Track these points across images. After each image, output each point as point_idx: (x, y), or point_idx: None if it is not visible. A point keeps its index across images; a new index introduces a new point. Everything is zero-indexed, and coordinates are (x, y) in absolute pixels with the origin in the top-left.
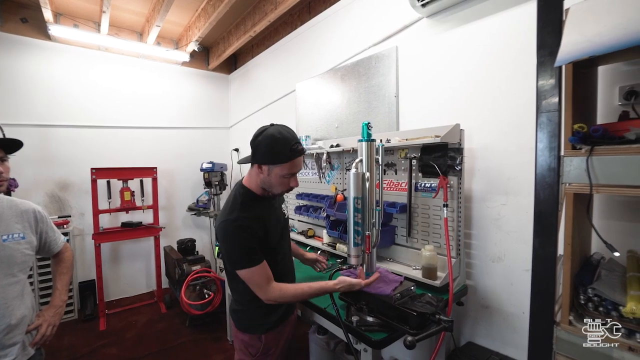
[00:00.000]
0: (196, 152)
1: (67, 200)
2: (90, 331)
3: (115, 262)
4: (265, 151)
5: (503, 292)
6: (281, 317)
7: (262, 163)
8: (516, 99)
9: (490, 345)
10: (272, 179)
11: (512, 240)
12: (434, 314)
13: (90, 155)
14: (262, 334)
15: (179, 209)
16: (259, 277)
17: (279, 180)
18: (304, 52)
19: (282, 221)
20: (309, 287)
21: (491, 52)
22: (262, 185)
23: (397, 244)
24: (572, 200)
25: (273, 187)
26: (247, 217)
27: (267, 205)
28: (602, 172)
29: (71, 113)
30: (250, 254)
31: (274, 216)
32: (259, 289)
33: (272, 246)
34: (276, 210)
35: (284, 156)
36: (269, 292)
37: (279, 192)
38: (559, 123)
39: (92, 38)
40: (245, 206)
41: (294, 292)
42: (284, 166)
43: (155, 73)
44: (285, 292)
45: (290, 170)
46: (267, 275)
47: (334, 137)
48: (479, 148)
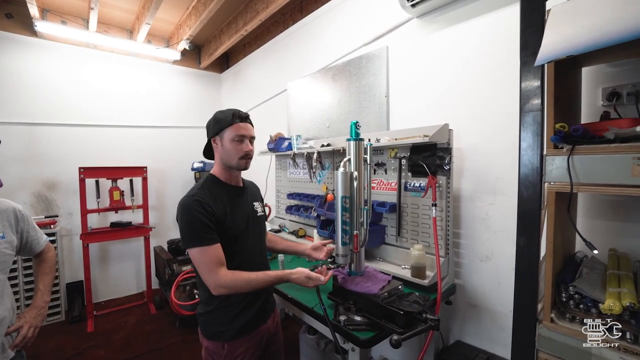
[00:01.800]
0: (187, 151)
1: (54, 200)
2: (78, 333)
3: (104, 262)
4: (212, 124)
5: (491, 291)
6: (248, 325)
7: (213, 135)
8: (504, 100)
9: (478, 344)
10: (225, 147)
11: (500, 240)
12: (420, 313)
13: (78, 154)
14: (225, 342)
15: (169, 209)
16: (209, 258)
17: (232, 146)
18: (296, 52)
19: (252, 216)
20: (266, 275)
21: (481, 53)
22: (222, 161)
23: (386, 243)
24: (554, 199)
25: (231, 156)
26: (205, 194)
27: (233, 193)
28: (583, 171)
29: (59, 111)
30: (202, 232)
31: (239, 206)
32: (208, 272)
33: (231, 235)
34: (246, 203)
35: (227, 120)
36: (219, 277)
37: (236, 160)
38: (542, 122)
39: (80, 35)
40: (206, 187)
41: (247, 279)
42: (230, 129)
43: (146, 71)
44: (237, 279)
45: (237, 131)
46: (218, 257)
47: (325, 137)
48: (468, 148)
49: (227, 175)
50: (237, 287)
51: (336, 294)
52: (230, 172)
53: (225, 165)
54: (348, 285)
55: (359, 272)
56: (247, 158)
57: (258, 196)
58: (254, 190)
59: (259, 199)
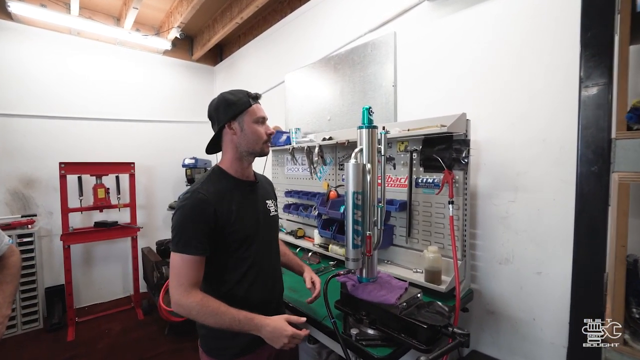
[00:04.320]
0: (178, 147)
1: (32, 197)
2: (57, 342)
3: (88, 265)
4: (225, 107)
5: (511, 296)
6: (254, 343)
7: (229, 120)
8: (527, 87)
9: (496, 354)
10: (247, 132)
11: (522, 241)
12: (446, 326)
13: (59, 148)
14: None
15: (159, 208)
16: (184, 271)
17: (255, 130)
18: (294, 41)
19: (264, 216)
20: (237, 313)
21: (499, 36)
22: (240, 149)
23: (395, 244)
24: (627, 192)
25: (255, 141)
26: (209, 190)
27: (243, 189)
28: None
29: (39, 102)
30: (191, 237)
31: (250, 204)
32: (177, 286)
33: (237, 238)
34: (257, 201)
35: (244, 102)
36: (185, 296)
37: (261, 144)
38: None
39: (60, 19)
40: (211, 182)
41: (214, 311)
42: (250, 111)
43: (135, 62)
44: (204, 307)
45: (258, 113)
46: (194, 274)
47: (325, 130)
48: (485, 140)
49: (239, 167)
50: (199, 314)
51: (345, 304)
52: (243, 163)
53: (243, 153)
54: (360, 294)
55: (372, 278)
56: (270, 141)
57: (271, 193)
58: (266, 185)
59: (272, 196)
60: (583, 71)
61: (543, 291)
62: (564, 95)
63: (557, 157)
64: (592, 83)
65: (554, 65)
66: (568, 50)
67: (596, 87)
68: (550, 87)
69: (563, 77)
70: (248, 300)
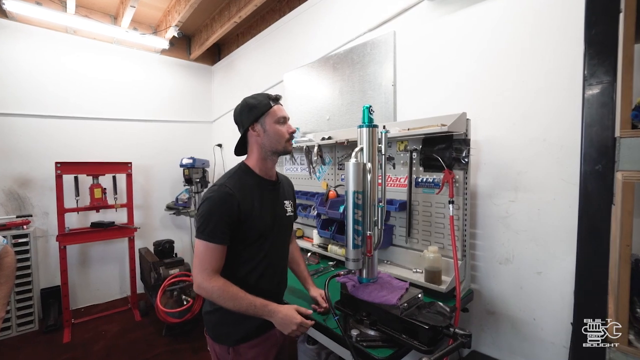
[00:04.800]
0: (176, 147)
1: (27, 198)
2: (52, 344)
3: (84, 266)
4: (248, 111)
5: (511, 296)
6: (257, 329)
7: (252, 122)
8: (527, 86)
9: (496, 354)
10: (270, 132)
11: (522, 240)
12: (448, 327)
13: (55, 148)
14: (230, 346)
15: (156, 208)
16: (208, 257)
17: (277, 130)
18: (293, 41)
19: (280, 215)
20: (253, 299)
21: (499, 36)
22: (265, 149)
23: (395, 244)
24: (632, 191)
25: (278, 141)
26: (235, 185)
27: (265, 187)
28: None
29: (35, 101)
30: (216, 228)
31: (270, 202)
32: (200, 269)
33: (255, 232)
34: (276, 200)
35: (265, 104)
36: (208, 280)
37: (283, 143)
38: (613, 96)
39: (56, 17)
40: (236, 177)
41: (233, 295)
42: (271, 112)
43: (132, 61)
44: (224, 291)
45: (279, 113)
46: (217, 261)
47: (325, 130)
48: (485, 140)
49: (263, 166)
50: (220, 297)
51: (345, 304)
52: (267, 163)
53: (268, 153)
54: (360, 295)
55: (372, 278)
56: (292, 140)
57: (290, 194)
58: (287, 187)
59: (290, 197)
60: (587, 69)
61: (543, 291)
62: (565, 95)
63: (558, 156)
64: (597, 81)
65: (555, 64)
66: (569, 49)
67: (600, 85)
68: (551, 86)
69: (563, 76)
70: (257, 289)
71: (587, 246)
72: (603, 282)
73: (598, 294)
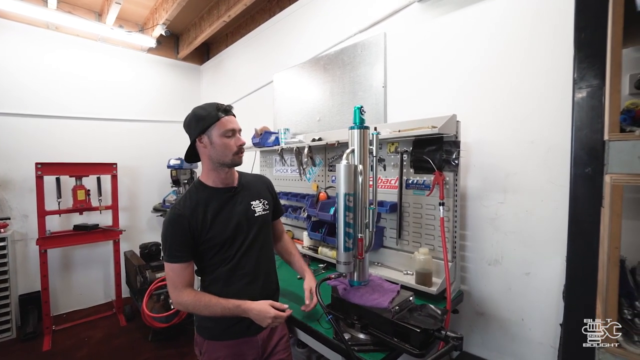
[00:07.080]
0: (163, 148)
1: (5, 200)
2: (31, 352)
3: (66, 270)
4: (195, 123)
5: (500, 297)
6: (235, 332)
7: (198, 134)
8: (515, 89)
9: (485, 355)
10: (216, 145)
11: (511, 242)
12: (439, 330)
13: (36, 148)
14: (206, 339)
15: (143, 210)
16: (175, 276)
17: (223, 143)
18: (283, 41)
19: (246, 218)
20: (226, 302)
21: (488, 38)
22: (213, 161)
23: (385, 246)
24: (620, 194)
25: (224, 154)
26: (185, 205)
27: (221, 197)
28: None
29: (13, 100)
30: (174, 249)
31: (228, 210)
32: (172, 288)
33: (214, 243)
34: (238, 205)
35: (212, 116)
36: (180, 295)
37: (231, 156)
38: (602, 99)
39: (36, 12)
40: (188, 197)
41: (206, 304)
42: (219, 124)
43: (117, 59)
44: (197, 302)
45: (226, 126)
46: (183, 277)
47: (315, 131)
48: (475, 142)
49: (216, 177)
50: (195, 308)
51: (336, 308)
52: (220, 172)
53: (216, 164)
54: (351, 298)
55: (363, 281)
56: (241, 152)
57: (261, 193)
58: (256, 186)
59: (262, 195)
60: (577, 72)
61: (531, 292)
62: (552, 98)
63: (545, 158)
64: (586, 84)
65: (543, 67)
66: (557, 53)
67: (590, 89)
68: (539, 89)
69: (551, 79)
70: (240, 294)
71: (577, 248)
72: (592, 284)
73: (588, 295)
